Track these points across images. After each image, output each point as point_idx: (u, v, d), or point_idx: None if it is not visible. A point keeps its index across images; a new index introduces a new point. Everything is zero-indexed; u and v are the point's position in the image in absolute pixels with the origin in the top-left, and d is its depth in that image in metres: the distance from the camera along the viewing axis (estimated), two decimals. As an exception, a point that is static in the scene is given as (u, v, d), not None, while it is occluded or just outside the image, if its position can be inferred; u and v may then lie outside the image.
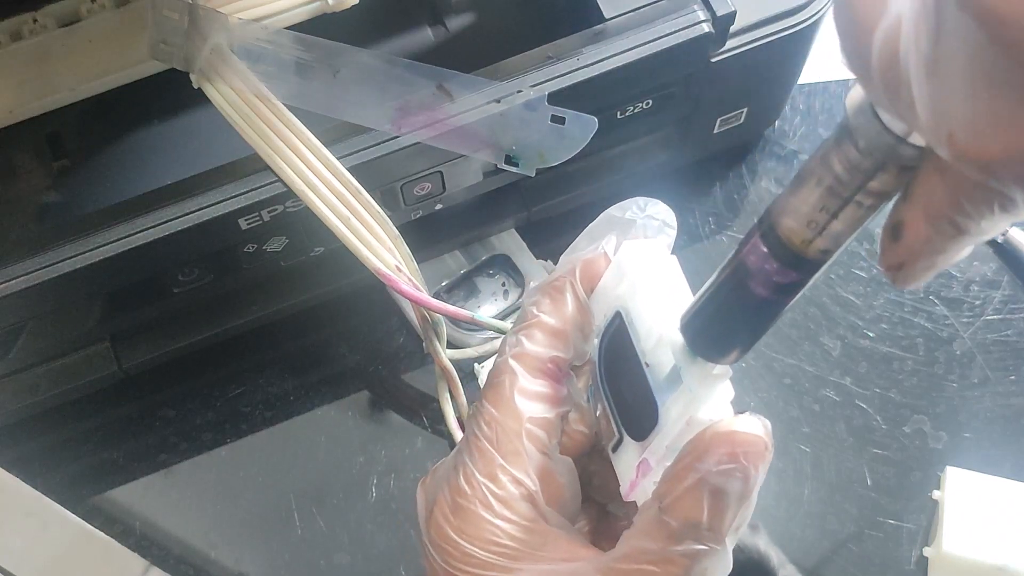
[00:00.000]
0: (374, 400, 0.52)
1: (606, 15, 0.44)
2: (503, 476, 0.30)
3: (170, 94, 0.43)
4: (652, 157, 0.53)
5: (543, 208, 0.52)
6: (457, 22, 0.48)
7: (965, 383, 0.51)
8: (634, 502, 0.32)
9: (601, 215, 0.34)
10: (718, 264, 0.29)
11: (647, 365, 0.31)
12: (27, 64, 0.43)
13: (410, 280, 0.38)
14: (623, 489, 0.32)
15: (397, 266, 0.38)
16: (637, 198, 0.33)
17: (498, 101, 0.41)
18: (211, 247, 0.44)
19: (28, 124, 0.43)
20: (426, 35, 0.48)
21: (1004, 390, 0.51)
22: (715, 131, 0.52)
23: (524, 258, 0.52)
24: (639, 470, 0.31)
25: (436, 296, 0.50)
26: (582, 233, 0.34)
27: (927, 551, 0.46)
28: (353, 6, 0.43)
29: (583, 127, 0.38)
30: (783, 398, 0.51)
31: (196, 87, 0.40)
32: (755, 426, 0.29)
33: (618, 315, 0.32)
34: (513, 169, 0.39)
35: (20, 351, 0.46)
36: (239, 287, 0.49)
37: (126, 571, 0.46)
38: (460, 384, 0.48)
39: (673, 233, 0.33)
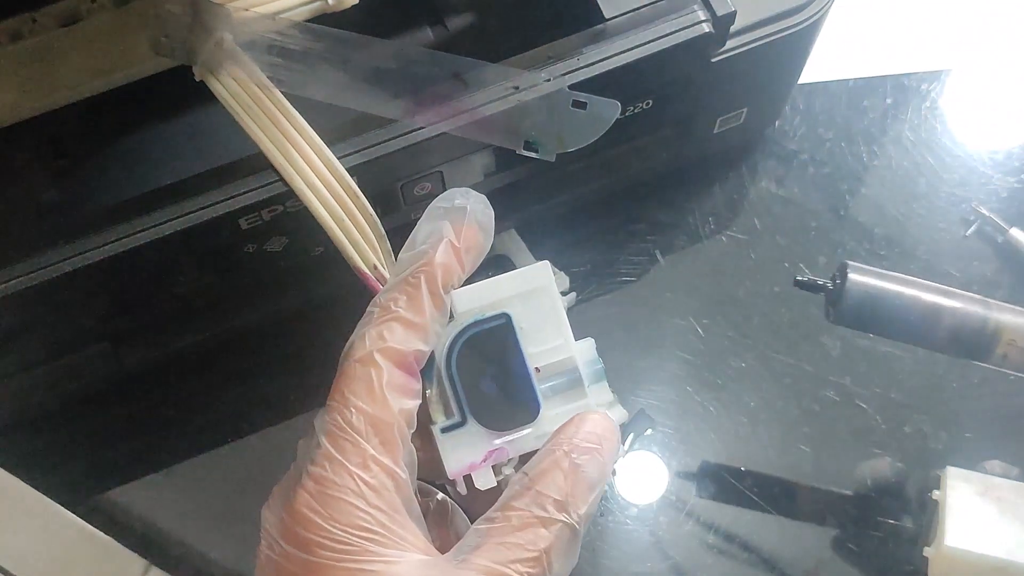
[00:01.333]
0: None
1: (606, 15, 0.44)
2: (375, 466, 0.31)
3: (170, 94, 0.43)
4: (652, 157, 0.52)
5: (543, 208, 0.52)
6: (457, 22, 0.48)
7: (965, 383, 0.51)
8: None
9: (427, 209, 0.35)
10: (718, 264, 0.29)
11: (537, 370, 0.34)
12: (27, 64, 0.43)
13: (384, 277, 0.38)
14: (452, 468, 0.34)
15: (375, 264, 0.38)
16: (454, 189, 0.35)
17: (517, 89, 0.41)
18: (211, 247, 0.44)
19: (28, 124, 0.43)
20: (426, 35, 0.48)
21: (1004, 390, 0.51)
22: (715, 131, 0.52)
23: (524, 258, 0.52)
24: (489, 455, 0.34)
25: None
26: (415, 228, 0.35)
27: (927, 551, 0.46)
28: (353, 6, 0.43)
29: (606, 110, 0.37)
30: (783, 398, 0.51)
31: (198, 80, 0.40)
32: (609, 419, 0.34)
33: (505, 316, 0.34)
34: (533, 155, 0.38)
35: (20, 351, 0.46)
36: (239, 287, 0.49)
37: (126, 571, 0.46)
38: None
39: (491, 214, 0.35)
